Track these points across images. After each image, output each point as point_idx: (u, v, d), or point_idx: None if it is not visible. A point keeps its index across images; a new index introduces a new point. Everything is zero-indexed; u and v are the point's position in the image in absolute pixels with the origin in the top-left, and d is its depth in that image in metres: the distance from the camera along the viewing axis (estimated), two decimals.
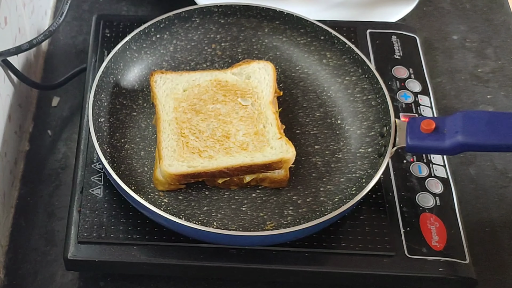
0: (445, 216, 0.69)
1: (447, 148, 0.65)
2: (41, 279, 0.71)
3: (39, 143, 0.81)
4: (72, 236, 0.67)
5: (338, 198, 0.69)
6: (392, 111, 0.70)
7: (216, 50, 0.80)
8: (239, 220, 0.67)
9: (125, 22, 0.83)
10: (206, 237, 0.65)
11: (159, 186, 0.69)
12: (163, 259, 0.66)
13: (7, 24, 0.73)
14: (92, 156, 0.72)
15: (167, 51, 0.79)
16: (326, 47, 0.78)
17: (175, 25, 0.79)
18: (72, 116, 0.84)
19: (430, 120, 0.66)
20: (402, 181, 0.72)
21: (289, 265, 0.66)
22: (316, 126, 0.75)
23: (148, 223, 0.67)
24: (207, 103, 0.73)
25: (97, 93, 0.72)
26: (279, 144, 0.69)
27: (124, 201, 0.68)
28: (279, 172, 0.69)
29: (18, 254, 0.73)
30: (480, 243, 0.73)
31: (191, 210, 0.68)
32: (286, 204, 0.69)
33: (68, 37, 0.92)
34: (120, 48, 0.75)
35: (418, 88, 0.80)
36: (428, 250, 0.67)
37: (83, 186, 0.70)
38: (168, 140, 0.70)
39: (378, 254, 0.66)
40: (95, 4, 0.95)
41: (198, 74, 0.76)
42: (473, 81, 0.88)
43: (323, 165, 0.72)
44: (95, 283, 0.70)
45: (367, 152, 0.71)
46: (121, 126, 0.74)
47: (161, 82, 0.74)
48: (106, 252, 0.66)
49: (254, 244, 0.66)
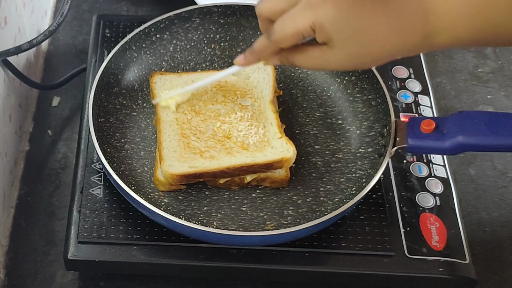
0: (445, 216, 0.69)
1: (447, 148, 0.65)
2: (41, 279, 0.71)
3: (39, 143, 0.81)
4: (72, 236, 0.67)
5: (338, 198, 0.69)
6: (392, 111, 0.70)
7: (216, 50, 0.80)
8: (239, 220, 0.68)
9: (125, 22, 0.83)
10: (206, 237, 0.65)
11: (160, 187, 0.69)
12: (163, 259, 0.66)
13: (7, 24, 0.73)
14: (92, 156, 0.72)
15: (167, 51, 0.79)
16: None
17: (175, 25, 0.79)
18: (72, 116, 0.84)
19: (430, 120, 0.66)
20: (402, 181, 0.72)
21: (289, 265, 0.66)
22: (316, 126, 0.75)
23: (148, 223, 0.67)
24: (207, 103, 0.73)
25: (97, 93, 0.72)
26: (279, 143, 0.69)
27: (124, 201, 0.68)
28: (279, 172, 0.69)
29: (18, 254, 0.73)
30: (480, 243, 0.73)
31: (191, 210, 0.68)
32: (286, 204, 0.69)
33: (68, 37, 0.92)
34: (120, 48, 0.75)
35: (418, 88, 0.80)
36: (428, 250, 0.67)
37: (83, 186, 0.70)
38: (169, 140, 0.70)
39: (378, 254, 0.66)
40: (95, 4, 0.95)
41: (198, 74, 0.76)
42: (473, 81, 0.88)
43: (323, 165, 0.72)
44: (95, 283, 0.70)
45: (367, 152, 0.71)
46: (121, 126, 0.74)
47: (160, 83, 0.74)
48: (106, 252, 0.66)
49: (254, 244, 0.66)
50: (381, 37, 0.54)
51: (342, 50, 0.55)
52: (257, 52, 0.61)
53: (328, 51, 0.56)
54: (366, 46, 0.55)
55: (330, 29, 0.54)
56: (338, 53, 0.55)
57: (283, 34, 0.56)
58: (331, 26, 0.54)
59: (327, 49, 0.55)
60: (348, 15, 0.54)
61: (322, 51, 0.56)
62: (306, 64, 0.59)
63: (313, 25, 0.54)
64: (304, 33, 0.55)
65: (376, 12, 0.54)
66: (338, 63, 0.57)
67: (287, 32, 0.56)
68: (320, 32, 0.54)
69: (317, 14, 0.54)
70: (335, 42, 0.55)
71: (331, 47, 0.55)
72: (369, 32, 0.54)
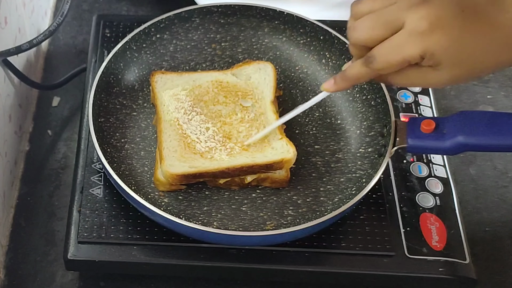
0: (445, 216, 0.69)
1: (447, 148, 0.65)
2: (41, 279, 0.71)
3: (39, 143, 0.81)
4: (72, 236, 0.67)
5: (338, 198, 0.69)
6: (392, 111, 0.70)
7: (216, 50, 0.80)
8: (239, 220, 0.68)
9: (125, 22, 0.83)
10: (206, 237, 0.65)
11: (160, 187, 0.69)
12: (163, 259, 0.66)
13: (7, 24, 0.73)
14: (92, 156, 0.72)
15: (167, 51, 0.79)
16: (326, 47, 0.78)
17: (175, 25, 0.79)
18: (72, 116, 0.84)
19: (430, 120, 0.66)
20: (402, 181, 0.72)
21: (289, 265, 0.66)
22: (315, 126, 0.75)
23: (148, 223, 0.67)
24: (208, 104, 0.73)
25: (97, 93, 0.72)
26: (280, 144, 0.69)
27: (124, 201, 0.68)
28: (280, 172, 0.69)
29: (18, 254, 0.73)
30: (480, 243, 0.73)
31: (191, 210, 0.68)
32: (286, 204, 0.69)
33: (68, 37, 0.92)
34: (120, 48, 0.75)
35: (418, 88, 0.80)
36: (428, 250, 0.67)
37: (83, 186, 0.70)
38: (169, 140, 0.70)
39: (378, 254, 0.66)
40: (95, 4, 0.95)
41: (198, 74, 0.76)
42: (473, 81, 0.88)
43: (323, 165, 0.72)
44: (95, 283, 0.70)
45: (367, 152, 0.71)
46: (121, 126, 0.74)
47: (161, 82, 0.74)
48: (106, 252, 0.66)
49: (254, 244, 0.66)
50: (487, 59, 0.55)
51: (449, 72, 0.55)
52: (353, 79, 0.60)
53: (431, 72, 0.55)
54: (472, 68, 0.55)
55: (441, 56, 0.54)
56: (443, 74, 0.55)
57: (388, 62, 0.56)
58: (442, 54, 0.54)
59: (431, 71, 0.55)
60: (459, 41, 0.53)
61: (423, 72, 0.56)
62: (403, 83, 0.59)
63: (423, 53, 0.54)
64: (411, 61, 0.55)
65: (482, 35, 0.54)
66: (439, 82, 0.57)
67: (392, 61, 0.55)
68: (429, 59, 0.54)
69: (428, 42, 0.53)
70: (443, 66, 0.55)
71: (436, 70, 0.55)
72: (477, 55, 0.54)
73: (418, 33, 0.53)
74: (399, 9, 0.55)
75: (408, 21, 0.54)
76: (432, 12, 0.53)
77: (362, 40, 0.57)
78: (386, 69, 0.56)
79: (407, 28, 0.54)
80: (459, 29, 0.53)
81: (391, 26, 0.55)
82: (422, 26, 0.53)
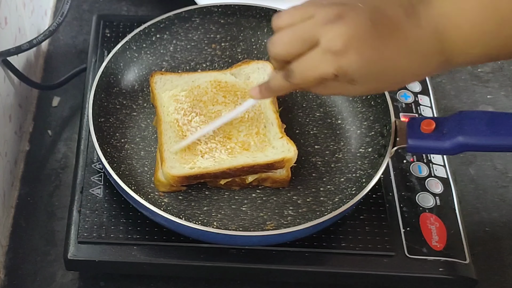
0: (445, 216, 0.69)
1: (447, 148, 0.65)
2: (41, 279, 0.71)
3: (39, 143, 0.81)
4: (72, 236, 0.67)
5: (338, 198, 0.69)
6: (392, 111, 0.70)
7: (216, 50, 0.80)
8: (239, 220, 0.68)
9: (125, 22, 0.83)
10: (206, 237, 0.65)
11: (161, 188, 0.69)
12: (163, 259, 0.66)
13: (7, 24, 0.73)
14: (92, 156, 0.72)
15: (167, 51, 0.79)
16: None
17: (175, 25, 0.79)
18: (72, 116, 0.84)
19: (430, 120, 0.66)
20: (402, 181, 0.72)
21: (289, 265, 0.66)
22: (316, 126, 0.75)
23: (148, 223, 0.67)
24: (208, 104, 0.73)
25: (97, 93, 0.72)
26: (280, 143, 0.69)
27: (124, 201, 0.68)
28: (280, 172, 0.69)
29: (18, 254, 0.73)
30: (480, 243, 0.73)
31: (191, 210, 0.68)
32: (286, 204, 0.69)
33: (68, 37, 0.92)
34: (120, 48, 0.75)
35: (418, 88, 0.80)
36: (428, 250, 0.67)
37: (83, 186, 0.70)
38: (170, 142, 0.70)
39: (378, 254, 0.66)
40: (95, 4, 0.95)
41: (197, 75, 0.76)
42: (473, 81, 0.88)
43: (323, 165, 0.72)
44: (95, 283, 0.70)
45: (367, 152, 0.71)
46: (121, 126, 0.74)
47: (161, 83, 0.74)
48: (106, 252, 0.66)
49: (254, 244, 0.66)
50: (401, 72, 0.56)
51: (364, 87, 0.56)
52: (275, 90, 0.61)
53: (348, 85, 0.56)
54: (388, 81, 0.56)
55: (354, 75, 0.54)
56: (360, 88, 0.56)
57: (304, 78, 0.56)
58: (355, 73, 0.54)
59: (348, 84, 0.56)
60: (371, 60, 0.54)
61: (341, 85, 0.56)
62: (324, 93, 0.61)
63: (337, 72, 0.54)
64: (326, 78, 0.55)
65: (396, 52, 0.54)
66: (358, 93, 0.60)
67: (308, 77, 0.56)
68: (343, 77, 0.55)
69: (340, 62, 0.53)
70: (357, 82, 0.55)
71: (352, 84, 0.56)
72: (390, 70, 0.55)
73: (332, 53, 0.53)
74: (316, 24, 0.54)
75: (323, 39, 0.54)
76: (346, 30, 0.53)
77: (280, 55, 0.57)
78: (303, 84, 0.57)
79: (322, 46, 0.54)
80: (372, 48, 0.53)
81: (307, 42, 0.55)
82: (335, 46, 0.53)
